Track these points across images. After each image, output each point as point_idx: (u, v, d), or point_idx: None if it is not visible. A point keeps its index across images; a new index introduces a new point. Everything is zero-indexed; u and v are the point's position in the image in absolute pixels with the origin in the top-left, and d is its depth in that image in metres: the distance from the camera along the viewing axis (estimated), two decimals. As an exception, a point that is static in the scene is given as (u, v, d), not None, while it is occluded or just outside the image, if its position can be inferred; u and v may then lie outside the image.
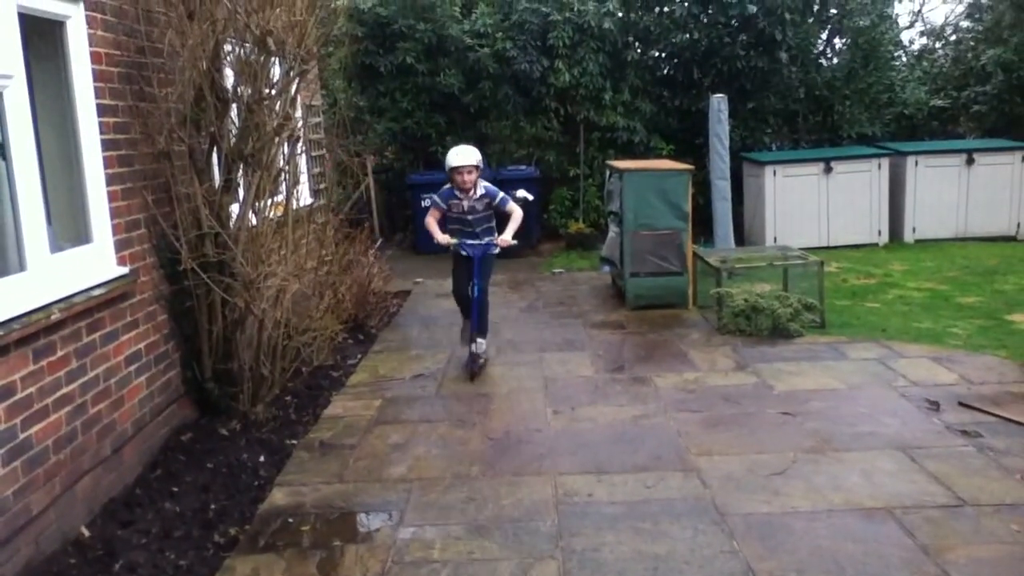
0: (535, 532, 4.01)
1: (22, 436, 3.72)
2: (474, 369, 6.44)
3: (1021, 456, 4.62)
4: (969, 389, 5.72)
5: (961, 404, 5.40)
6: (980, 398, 5.49)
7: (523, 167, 12.23)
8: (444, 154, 6.74)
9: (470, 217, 6.49)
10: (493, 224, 6.63)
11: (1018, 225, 11.72)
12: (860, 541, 3.80)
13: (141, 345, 4.87)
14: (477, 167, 6.42)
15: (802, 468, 4.60)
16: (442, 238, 6.44)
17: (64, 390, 4.07)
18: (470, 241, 6.47)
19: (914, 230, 11.71)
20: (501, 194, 6.54)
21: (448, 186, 6.52)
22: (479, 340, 6.59)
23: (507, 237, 6.48)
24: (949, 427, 5.08)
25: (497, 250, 6.56)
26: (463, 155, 6.39)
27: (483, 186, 6.51)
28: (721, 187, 10.64)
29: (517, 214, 6.53)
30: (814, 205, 11.50)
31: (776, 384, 5.99)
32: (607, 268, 9.32)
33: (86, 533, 4.06)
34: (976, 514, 4.01)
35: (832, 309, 7.87)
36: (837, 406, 5.52)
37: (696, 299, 8.43)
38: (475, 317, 6.51)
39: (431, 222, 6.53)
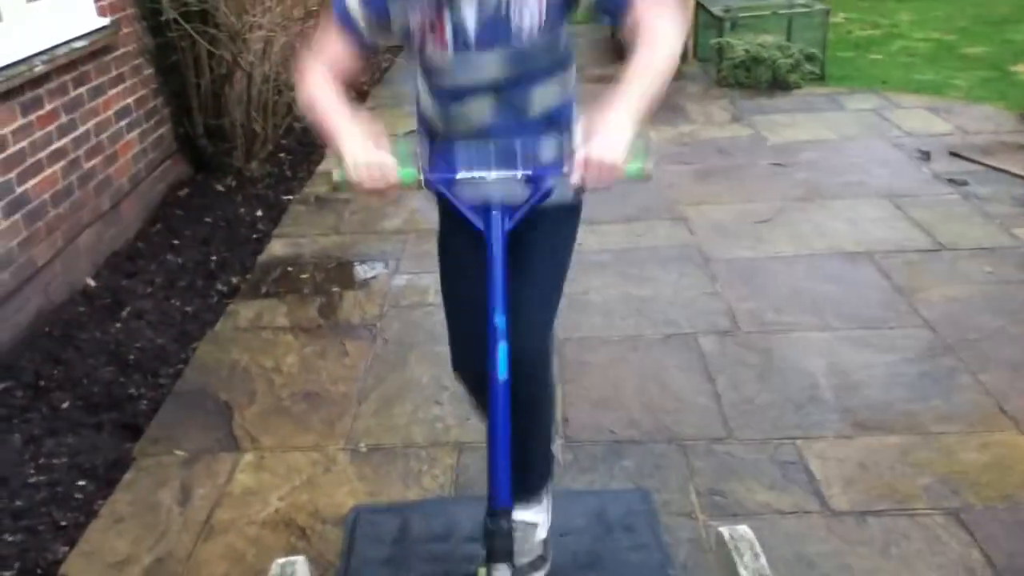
0: (526, 278, 4.15)
1: (19, 190, 3.77)
2: None
3: (1004, 203, 4.69)
4: (963, 139, 5.70)
5: (952, 154, 5.41)
6: (972, 148, 5.48)
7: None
8: None
9: (483, 60, 1.87)
10: (570, 77, 2.06)
11: (1037, -30, 11.18)
12: (838, 282, 3.95)
13: (130, 100, 4.82)
14: None
15: (788, 216, 4.68)
16: (366, 159, 1.78)
17: (56, 145, 4.08)
18: (481, 172, 1.89)
19: (928, -23, 11.18)
20: None
21: None
22: (534, 531, 2.14)
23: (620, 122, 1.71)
24: (937, 176, 5.12)
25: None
26: None
27: None
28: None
29: (667, 29, 1.82)
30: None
31: (770, 136, 5.98)
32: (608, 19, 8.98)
33: (92, 284, 4.21)
34: (953, 258, 4.13)
35: (834, 61, 7.69)
36: (829, 156, 5.53)
37: (696, 52, 8.20)
38: (500, 464, 1.82)
39: (315, 86, 1.93)
